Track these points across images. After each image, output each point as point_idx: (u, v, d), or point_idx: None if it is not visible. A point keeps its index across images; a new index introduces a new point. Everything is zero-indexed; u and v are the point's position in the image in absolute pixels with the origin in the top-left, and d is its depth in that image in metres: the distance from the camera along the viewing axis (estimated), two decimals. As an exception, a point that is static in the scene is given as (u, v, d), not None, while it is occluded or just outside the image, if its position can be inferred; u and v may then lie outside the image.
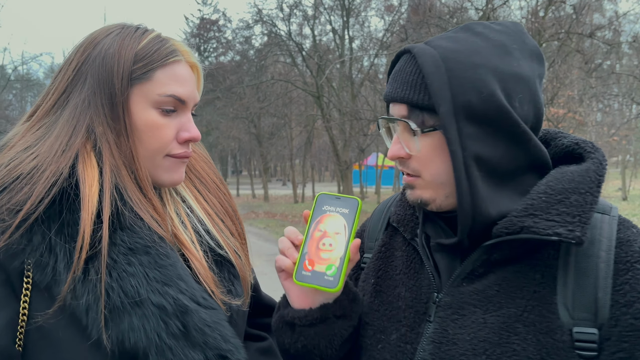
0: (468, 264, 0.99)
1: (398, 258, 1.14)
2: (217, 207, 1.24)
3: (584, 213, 0.90)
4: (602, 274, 0.89)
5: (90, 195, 0.96)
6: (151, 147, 1.06)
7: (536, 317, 0.91)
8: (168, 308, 0.95)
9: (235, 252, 1.20)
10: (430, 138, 0.96)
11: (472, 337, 0.94)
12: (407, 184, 1.03)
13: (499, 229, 0.93)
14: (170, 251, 1.02)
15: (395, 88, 0.98)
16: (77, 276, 0.92)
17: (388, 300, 1.10)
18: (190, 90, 1.09)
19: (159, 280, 0.97)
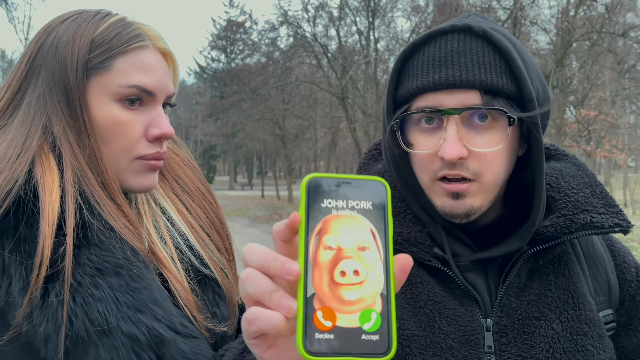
0: (515, 275, 0.91)
1: (414, 286, 0.91)
2: (202, 219, 1.10)
3: (615, 202, 0.93)
4: (606, 258, 0.98)
5: (50, 203, 0.84)
6: (115, 147, 0.93)
7: (587, 312, 0.91)
8: (141, 338, 0.83)
9: (221, 269, 1.06)
10: (502, 131, 0.84)
11: (552, 351, 0.88)
12: (455, 192, 0.85)
13: (556, 230, 0.89)
14: (145, 271, 0.89)
15: (463, 70, 0.82)
16: (34, 300, 0.80)
17: (429, 342, 0.87)
18: (159, 80, 0.96)
19: (130, 305, 0.84)
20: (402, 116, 0.86)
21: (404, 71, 0.89)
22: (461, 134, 0.82)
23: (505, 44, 0.83)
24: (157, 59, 0.97)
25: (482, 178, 0.85)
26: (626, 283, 0.98)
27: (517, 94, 0.83)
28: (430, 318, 0.89)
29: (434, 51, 0.85)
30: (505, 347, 0.87)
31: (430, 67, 0.84)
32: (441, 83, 0.82)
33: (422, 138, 0.86)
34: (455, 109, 0.82)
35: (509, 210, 0.94)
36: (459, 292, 0.91)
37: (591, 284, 0.95)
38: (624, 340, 0.99)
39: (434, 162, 0.86)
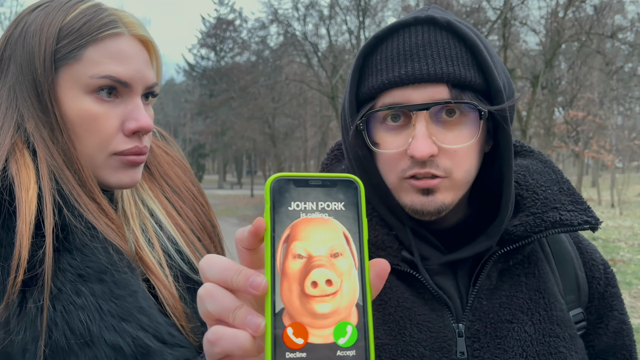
0: (486, 277, 0.87)
1: (382, 292, 0.87)
2: (193, 222, 1.04)
3: (582, 198, 0.91)
4: (574, 256, 0.96)
5: (27, 201, 0.79)
6: (90, 142, 0.87)
7: (558, 312, 0.89)
8: (125, 349, 0.78)
9: None
10: (472, 125, 0.80)
11: (524, 354, 0.85)
12: (425, 188, 0.81)
13: (526, 229, 0.86)
14: (130, 276, 0.84)
15: (429, 64, 0.77)
16: (11, 306, 0.75)
17: (400, 350, 0.84)
18: (135, 70, 0.88)
19: (115, 314, 0.79)
20: (368, 114, 0.81)
21: (366, 67, 0.84)
22: (430, 130, 0.78)
23: (471, 35, 0.79)
24: (133, 47, 0.90)
25: (453, 175, 0.81)
26: (595, 281, 0.96)
27: (484, 87, 0.80)
28: (400, 325, 0.85)
29: (398, 44, 0.80)
30: (478, 353, 0.84)
31: (395, 61, 0.79)
32: (407, 77, 0.78)
33: (389, 136, 0.82)
34: (424, 104, 0.77)
35: (476, 209, 0.91)
36: (429, 296, 0.87)
37: (560, 283, 0.93)
38: (594, 339, 0.96)
39: (402, 161, 0.81)
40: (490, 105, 0.80)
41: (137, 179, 0.93)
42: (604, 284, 0.97)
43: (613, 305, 0.96)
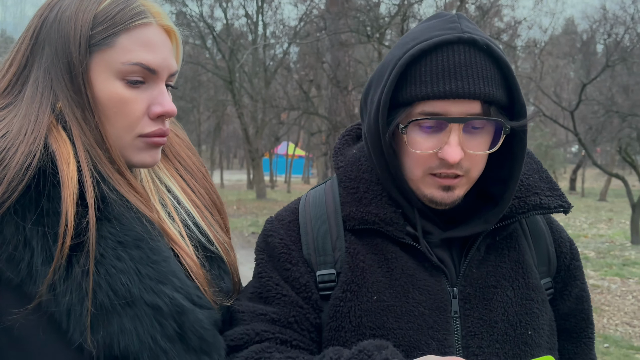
0: (476, 250, 1.03)
1: (389, 261, 1.01)
2: (205, 199, 1.11)
3: (557, 186, 1.08)
4: (547, 234, 1.11)
5: (69, 174, 0.85)
6: (118, 124, 0.93)
7: (533, 280, 1.05)
8: (164, 308, 0.86)
9: (225, 247, 1.08)
10: (489, 135, 0.96)
11: (506, 314, 1.01)
12: (447, 186, 0.96)
13: (512, 210, 1.02)
14: (162, 244, 0.92)
15: (470, 83, 0.90)
16: (59, 271, 0.81)
17: (404, 310, 0.98)
18: (162, 58, 0.94)
19: (152, 277, 0.87)
20: (412, 121, 0.93)
21: (407, 75, 0.93)
22: (461, 138, 0.92)
23: (505, 59, 0.92)
24: (160, 37, 0.96)
25: (470, 173, 0.97)
26: (562, 255, 1.12)
27: (507, 103, 0.94)
28: (404, 289, 1.00)
29: (443, 61, 0.91)
30: (469, 312, 1.00)
31: (440, 77, 0.90)
32: (451, 93, 0.89)
33: (422, 138, 0.94)
34: (462, 118, 0.91)
35: (470, 194, 1.04)
36: (428, 265, 1.01)
37: (535, 256, 1.08)
38: (559, 304, 1.12)
39: (431, 160, 0.95)
40: (510, 118, 0.96)
41: (158, 159, 1.00)
42: (569, 258, 1.12)
43: (576, 276, 1.13)
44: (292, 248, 1.06)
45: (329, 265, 1.03)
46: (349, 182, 1.06)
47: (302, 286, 1.03)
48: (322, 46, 11.31)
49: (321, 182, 1.17)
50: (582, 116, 14.73)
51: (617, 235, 12.33)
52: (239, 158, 51.00)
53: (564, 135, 24.24)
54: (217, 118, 25.28)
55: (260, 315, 1.02)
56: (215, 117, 25.35)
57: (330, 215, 1.07)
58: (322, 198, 1.10)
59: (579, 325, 1.14)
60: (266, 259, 1.07)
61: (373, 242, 1.03)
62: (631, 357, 4.96)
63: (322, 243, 1.05)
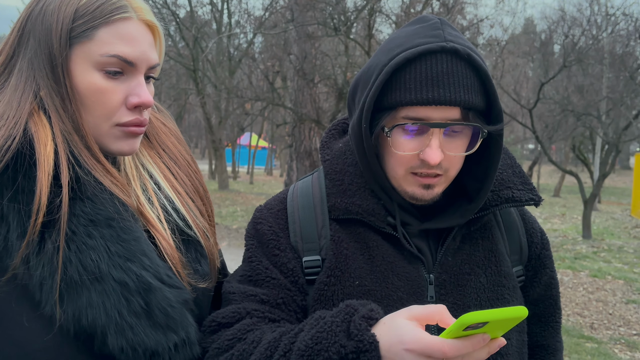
0: (452, 240, 1.10)
1: (371, 249, 1.09)
2: (187, 186, 1.16)
3: (529, 180, 1.16)
4: (519, 225, 1.19)
5: (45, 155, 0.90)
6: (96, 113, 0.97)
7: (505, 268, 1.12)
8: (130, 284, 0.90)
9: (204, 232, 1.12)
10: (467, 138, 1.02)
11: (479, 299, 1.08)
12: (427, 184, 1.03)
13: (486, 204, 1.09)
14: (134, 225, 0.96)
15: (452, 91, 0.96)
16: (31, 246, 0.86)
17: (383, 295, 1.06)
18: (141, 51, 0.98)
19: (121, 255, 0.91)
20: (396, 125, 0.99)
21: (392, 81, 0.99)
22: (441, 141, 0.99)
23: (485, 68, 0.98)
24: (140, 31, 0.99)
25: (448, 173, 1.04)
26: (533, 245, 1.20)
27: (484, 109, 1.01)
28: (384, 275, 1.07)
29: (426, 69, 0.97)
30: (444, 297, 1.07)
31: (424, 85, 0.96)
32: (433, 100, 0.96)
33: (405, 140, 1.01)
34: (443, 123, 0.97)
35: (447, 189, 1.10)
36: (407, 253, 1.09)
37: (508, 245, 1.16)
38: (529, 290, 1.19)
39: (413, 161, 1.02)
40: (487, 122, 1.02)
41: (136, 148, 1.03)
42: (540, 247, 1.20)
43: (546, 264, 1.21)
44: (280, 235, 1.12)
45: (315, 252, 1.10)
46: (335, 175, 1.13)
47: (289, 271, 1.09)
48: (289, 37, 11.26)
49: (308, 174, 1.23)
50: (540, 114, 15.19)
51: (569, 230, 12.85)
52: (201, 148, 50.25)
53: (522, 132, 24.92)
54: (179, 107, 24.81)
55: (250, 296, 1.08)
56: (177, 105, 24.86)
57: (316, 205, 1.13)
58: (309, 189, 1.17)
59: (547, 311, 1.22)
60: (256, 245, 1.13)
61: (356, 231, 1.10)
62: (582, 345, 5.23)
63: (309, 231, 1.11)
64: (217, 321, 1.05)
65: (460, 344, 0.78)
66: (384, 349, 0.85)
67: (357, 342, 0.87)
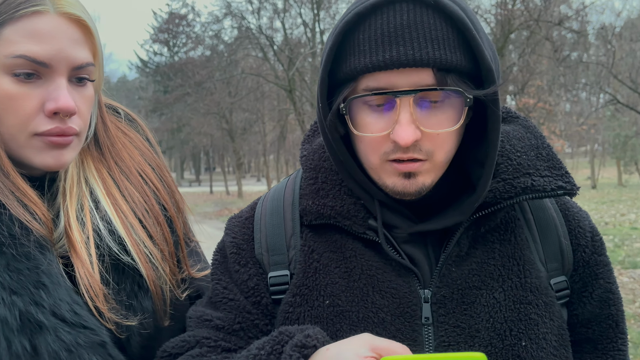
0: (455, 245, 0.87)
1: (348, 260, 0.89)
2: (137, 205, 1.00)
3: (562, 164, 0.90)
4: (558, 223, 0.93)
5: None
6: (9, 122, 0.85)
7: (534, 280, 0.88)
8: (11, 322, 0.76)
9: (148, 260, 0.97)
10: (455, 109, 0.79)
11: (493, 321, 0.85)
12: (407, 172, 0.81)
13: (495, 196, 0.85)
14: (35, 252, 0.83)
15: (415, 48, 0.74)
16: None
17: (361, 317, 0.86)
18: (57, 49, 0.85)
19: (5, 286, 0.78)
20: (352, 98, 0.79)
21: (346, 45, 0.79)
22: (414, 115, 0.77)
23: (460, 14, 0.75)
24: (57, 25, 0.86)
25: (434, 157, 0.81)
26: (580, 248, 0.93)
27: (471, 69, 0.77)
28: (363, 292, 0.87)
29: (382, 24, 0.76)
30: (443, 319, 0.85)
31: (379, 43, 0.76)
32: (392, 62, 0.74)
33: (371, 119, 0.80)
34: (409, 91, 0.76)
35: (446, 180, 0.88)
36: (396, 263, 0.87)
37: (542, 250, 0.91)
38: (578, 307, 0.94)
39: (385, 144, 0.80)
40: (478, 87, 0.79)
41: (64, 161, 0.90)
42: (590, 252, 0.94)
43: (599, 273, 0.94)
44: (242, 247, 0.96)
45: (283, 265, 0.93)
46: (309, 172, 0.95)
47: (250, 289, 0.93)
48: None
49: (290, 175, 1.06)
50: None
51: None
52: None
53: (645, 123, 22.69)
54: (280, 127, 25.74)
55: (205, 322, 0.94)
56: (279, 126, 25.81)
57: (286, 209, 0.96)
58: (281, 191, 0.99)
59: (605, 335, 0.94)
60: (219, 260, 0.99)
61: (332, 239, 0.91)
62: None
63: (276, 241, 0.94)
64: (167, 351, 0.93)
65: None
66: None
67: None
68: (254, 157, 45.54)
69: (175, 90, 25.75)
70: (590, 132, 26.16)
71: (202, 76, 21.32)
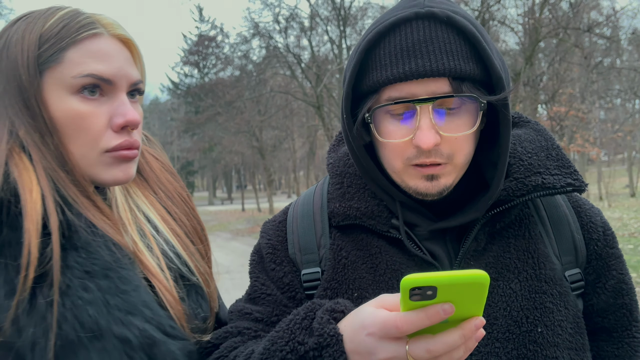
0: (473, 240, 0.95)
1: (374, 257, 0.97)
2: (186, 226, 1.08)
3: (571, 163, 0.98)
4: (571, 219, 1.00)
5: (31, 201, 0.81)
6: (80, 141, 0.89)
7: (548, 271, 0.95)
8: (133, 340, 0.81)
9: (206, 278, 1.05)
10: (471, 114, 0.87)
11: (510, 309, 0.93)
12: (430, 175, 0.89)
13: (508, 194, 0.93)
14: (132, 273, 0.88)
15: (432, 60, 0.82)
16: (22, 303, 0.76)
17: None
18: (117, 67, 0.91)
19: (121, 308, 0.83)
20: (376, 108, 0.87)
21: (368, 61, 0.88)
22: (434, 121, 0.84)
23: (470, 28, 0.84)
24: (113, 46, 0.93)
25: (454, 160, 0.88)
26: (592, 242, 1.00)
27: (483, 77, 0.86)
28: (389, 285, 0.95)
29: (401, 40, 0.85)
30: None
31: (399, 57, 0.84)
32: (412, 73, 0.83)
33: (394, 126, 0.88)
34: (428, 99, 0.83)
35: (463, 177, 0.95)
36: (418, 259, 0.95)
37: (555, 244, 0.98)
38: (593, 298, 1.00)
39: (408, 149, 0.88)
40: (489, 93, 0.87)
41: (132, 174, 0.95)
42: (602, 245, 1.00)
43: (611, 265, 1.00)
44: (277, 248, 1.05)
45: (314, 263, 1.01)
46: (336, 178, 1.04)
47: (285, 285, 1.02)
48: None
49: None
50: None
51: None
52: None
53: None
54: (309, 143, 25.93)
55: (245, 315, 1.03)
56: (309, 142, 26.01)
57: (316, 212, 1.05)
58: (310, 196, 1.09)
59: (620, 323, 1.01)
60: (257, 260, 1.08)
61: (358, 238, 1.00)
62: None
63: (307, 241, 1.03)
64: (212, 342, 1.01)
65: (413, 314, 0.68)
66: (348, 340, 0.78)
67: (317, 337, 0.80)
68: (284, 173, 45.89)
69: (206, 110, 26.30)
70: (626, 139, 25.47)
71: (232, 96, 21.73)
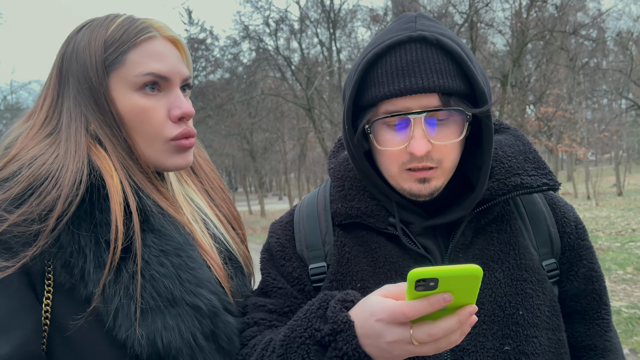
0: (460, 235, 1.07)
1: (373, 251, 1.10)
2: (227, 213, 1.22)
3: (546, 165, 1.11)
4: (547, 215, 1.13)
5: (114, 185, 0.95)
6: (146, 132, 1.02)
7: (527, 261, 1.07)
8: (203, 308, 0.95)
9: (245, 259, 1.19)
10: (458, 124, 0.99)
11: (495, 295, 1.04)
12: (422, 178, 1.01)
13: (491, 193, 1.06)
14: (196, 253, 1.02)
15: (424, 78, 0.95)
16: (109, 275, 0.90)
17: None
18: (171, 65, 1.04)
19: (191, 282, 0.97)
20: (375, 120, 1.00)
21: (367, 78, 1.00)
22: (425, 131, 0.96)
23: (457, 49, 0.96)
24: (166, 47, 1.05)
25: (443, 164, 1.01)
26: (566, 235, 1.13)
27: (468, 91, 0.98)
28: (388, 276, 1.07)
29: (396, 61, 0.97)
30: None
31: (395, 76, 0.96)
32: (406, 90, 0.95)
33: (390, 136, 1.00)
34: (420, 112, 0.96)
35: (451, 179, 1.07)
36: (413, 252, 1.08)
37: (534, 237, 1.11)
38: (567, 284, 1.13)
39: (402, 156, 1.00)
40: (474, 106, 1.00)
41: (190, 160, 1.09)
42: (574, 238, 1.13)
43: (582, 255, 1.13)
44: (286, 246, 1.16)
45: (320, 259, 1.13)
46: (337, 181, 1.16)
47: (294, 279, 1.13)
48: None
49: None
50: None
51: None
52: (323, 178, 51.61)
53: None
54: (300, 145, 25.98)
55: (260, 307, 1.14)
56: (299, 144, 26.05)
57: (320, 212, 1.17)
58: (314, 198, 1.21)
59: (590, 306, 1.13)
60: (267, 258, 1.19)
61: (359, 235, 1.12)
62: None
63: (313, 239, 1.15)
64: None
65: (418, 303, 0.79)
66: (359, 326, 0.88)
67: (332, 324, 0.91)
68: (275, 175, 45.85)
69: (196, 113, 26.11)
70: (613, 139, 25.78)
71: (222, 98, 21.69)
